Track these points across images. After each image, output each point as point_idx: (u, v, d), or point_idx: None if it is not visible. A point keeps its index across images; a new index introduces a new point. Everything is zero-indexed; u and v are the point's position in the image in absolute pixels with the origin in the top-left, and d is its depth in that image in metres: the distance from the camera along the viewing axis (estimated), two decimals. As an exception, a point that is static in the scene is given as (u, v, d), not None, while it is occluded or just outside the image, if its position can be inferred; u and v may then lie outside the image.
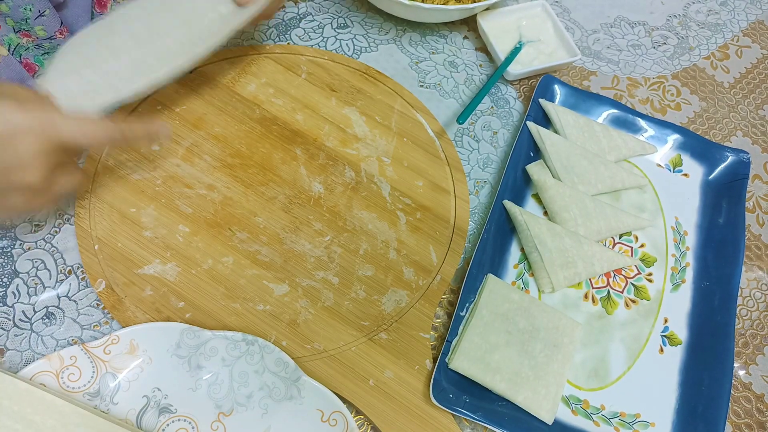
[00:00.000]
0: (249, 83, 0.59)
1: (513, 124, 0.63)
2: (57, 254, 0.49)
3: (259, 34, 0.64)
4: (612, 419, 0.48)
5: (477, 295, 0.50)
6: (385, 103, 0.60)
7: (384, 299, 0.50)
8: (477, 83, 0.65)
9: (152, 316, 0.46)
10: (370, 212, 0.54)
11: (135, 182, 0.52)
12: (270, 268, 0.50)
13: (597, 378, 0.49)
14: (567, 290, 0.53)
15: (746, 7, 0.78)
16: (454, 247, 0.53)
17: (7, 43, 0.53)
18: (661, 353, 0.51)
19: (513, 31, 0.67)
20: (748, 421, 0.50)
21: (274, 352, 0.44)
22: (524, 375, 0.46)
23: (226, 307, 0.48)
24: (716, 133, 0.66)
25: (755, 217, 0.61)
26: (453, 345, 0.47)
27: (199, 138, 0.55)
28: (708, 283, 0.54)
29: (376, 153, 0.57)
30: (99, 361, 0.42)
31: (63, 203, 0.51)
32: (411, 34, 0.67)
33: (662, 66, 0.70)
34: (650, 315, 0.53)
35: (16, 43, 0.53)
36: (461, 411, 0.44)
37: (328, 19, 0.66)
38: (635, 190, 0.59)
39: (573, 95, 0.63)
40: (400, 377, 0.46)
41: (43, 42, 0.55)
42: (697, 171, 0.61)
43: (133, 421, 0.42)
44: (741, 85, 0.70)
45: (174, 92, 0.57)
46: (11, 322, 0.46)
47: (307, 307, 0.48)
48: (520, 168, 0.58)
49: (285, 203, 0.53)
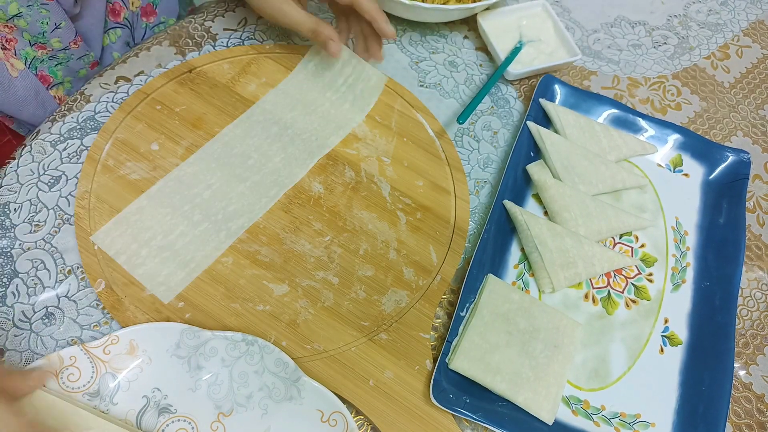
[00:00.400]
0: (249, 83, 0.59)
1: (513, 124, 0.63)
2: (57, 254, 0.49)
3: (260, 34, 0.64)
4: (612, 419, 0.48)
5: (477, 296, 0.50)
6: (385, 102, 0.60)
7: (384, 299, 0.50)
8: (477, 83, 0.65)
9: (152, 317, 0.46)
10: (370, 212, 0.54)
11: (135, 182, 0.52)
12: (270, 268, 0.50)
13: (597, 378, 0.49)
14: (567, 290, 0.53)
15: (746, 7, 0.78)
16: (454, 247, 0.53)
17: (24, 57, 0.54)
18: (661, 353, 0.51)
19: (513, 31, 0.67)
20: (748, 421, 0.50)
21: (274, 352, 0.44)
22: (524, 375, 0.46)
23: (226, 307, 0.48)
24: (716, 133, 0.66)
25: (755, 217, 0.61)
26: (453, 345, 0.47)
27: (199, 138, 0.55)
28: (708, 283, 0.54)
29: (376, 153, 0.57)
30: (99, 362, 0.42)
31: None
32: (411, 34, 0.67)
33: (662, 66, 0.70)
34: (651, 315, 0.53)
35: (32, 56, 0.54)
36: (461, 411, 0.44)
37: (328, 19, 0.66)
38: (636, 190, 0.59)
39: (573, 95, 0.63)
40: (400, 377, 0.46)
41: (57, 53, 0.55)
42: (698, 171, 0.61)
43: (132, 422, 0.42)
44: (741, 85, 0.70)
45: (174, 92, 0.57)
46: (11, 322, 0.46)
47: (306, 308, 0.48)
48: (521, 168, 0.58)
49: (285, 203, 0.53)
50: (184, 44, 0.62)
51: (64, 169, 0.53)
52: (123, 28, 0.64)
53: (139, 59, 0.59)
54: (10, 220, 0.50)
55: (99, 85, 0.57)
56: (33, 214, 0.50)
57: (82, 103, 0.56)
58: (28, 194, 0.51)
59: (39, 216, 0.50)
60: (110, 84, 0.58)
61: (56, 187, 0.52)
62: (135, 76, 0.58)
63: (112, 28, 0.63)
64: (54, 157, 0.53)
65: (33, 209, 0.50)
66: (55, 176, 0.52)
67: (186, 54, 0.61)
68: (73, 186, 0.52)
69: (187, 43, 0.62)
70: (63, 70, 0.58)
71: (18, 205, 0.50)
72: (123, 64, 0.59)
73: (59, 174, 0.52)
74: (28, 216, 0.50)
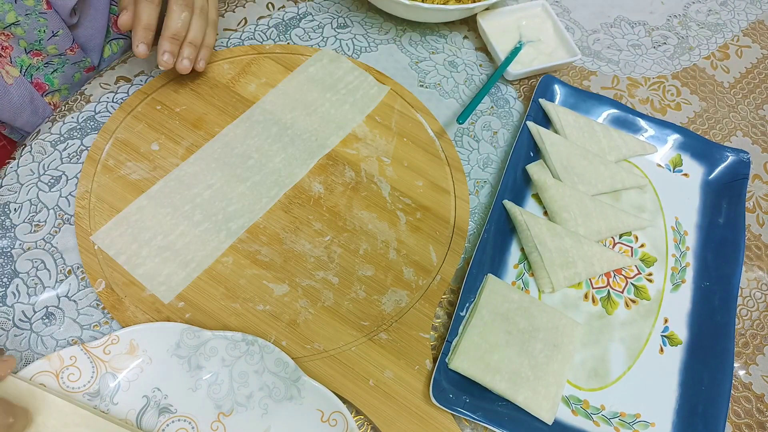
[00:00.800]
0: (249, 83, 0.59)
1: (513, 124, 0.63)
2: (57, 254, 0.49)
3: (260, 34, 0.64)
4: (612, 419, 0.48)
5: (477, 295, 0.50)
6: (385, 103, 0.60)
7: (384, 299, 0.50)
8: (477, 83, 0.65)
9: (152, 316, 0.46)
10: (370, 212, 0.54)
11: (135, 182, 0.52)
12: (270, 268, 0.50)
13: (597, 378, 0.49)
14: (567, 290, 0.53)
15: (746, 7, 0.78)
16: (454, 247, 0.53)
17: (19, 65, 0.53)
18: (661, 353, 0.51)
19: (513, 31, 0.67)
20: (748, 421, 0.50)
21: (274, 352, 0.44)
22: (524, 375, 0.46)
23: (226, 307, 0.48)
24: (716, 133, 0.66)
25: (755, 217, 0.61)
26: (453, 345, 0.47)
27: (200, 138, 0.55)
28: (708, 283, 0.54)
29: (376, 153, 0.57)
30: (99, 361, 0.42)
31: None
32: (411, 34, 0.67)
33: (662, 66, 0.70)
34: (650, 315, 0.53)
35: (28, 63, 0.54)
36: (461, 411, 0.44)
37: (328, 19, 0.66)
38: (635, 190, 0.59)
39: (573, 95, 0.63)
40: (400, 377, 0.46)
41: (53, 58, 0.55)
42: (697, 171, 0.61)
43: (133, 422, 0.42)
44: (741, 85, 0.70)
45: (174, 92, 0.57)
46: (11, 322, 0.46)
47: (307, 307, 0.48)
48: (520, 168, 0.58)
49: (285, 203, 0.53)
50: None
51: (65, 169, 0.53)
52: (126, 39, 0.64)
53: (139, 59, 0.59)
54: (11, 220, 0.50)
55: (99, 85, 0.57)
56: (33, 214, 0.50)
57: (82, 103, 0.56)
58: (29, 194, 0.51)
59: (39, 216, 0.50)
60: (110, 84, 0.58)
61: (56, 187, 0.52)
62: (135, 76, 0.58)
63: (115, 39, 0.63)
64: (54, 157, 0.53)
65: (33, 209, 0.50)
66: (56, 176, 0.52)
67: (186, 54, 0.61)
68: (74, 186, 0.52)
69: (187, 43, 0.62)
70: (60, 77, 0.57)
71: (18, 205, 0.50)
72: (123, 64, 0.59)
73: (59, 174, 0.52)
74: (28, 216, 0.50)
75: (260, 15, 0.65)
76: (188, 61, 0.53)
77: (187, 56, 0.52)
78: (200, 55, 0.54)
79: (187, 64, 0.53)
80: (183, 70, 0.53)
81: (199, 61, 0.54)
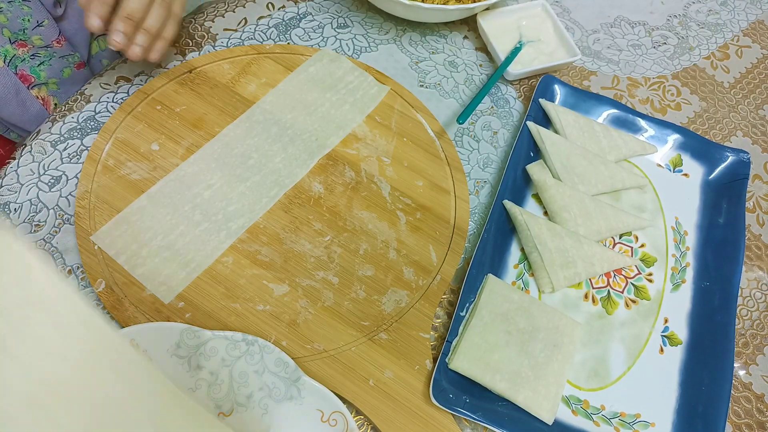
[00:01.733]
0: (249, 83, 0.59)
1: (513, 124, 0.63)
2: (57, 254, 0.49)
3: (260, 34, 0.64)
4: (612, 419, 0.48)
5: (477, 295, 0.50)
6: (385, 103, 0.60)
7: (384, 299, 0.50)
8: (477, 83, 0.65)
9: (152, 317, 0.46)
10: (370, 212, 0.54)
11: (135, 182, 0.52)
12: (270, 268, 0.50)
13: (597, 378, 0.49)
14: (567, 290, 0.53)
15: (746, 7, 0.78)
16: (454, 247, 0.53)
17: (3, 54, 0.53)
18: (661, 353, 0.51)
19: (513, 31, 0.67)
20: (748, 421, 0.50)
21: (274, 352, 0.44)
22: (524, 375, 0.46)
23: (226, 307, 0.48)
24: (716, 133, 0.66)
25: (755, 217, 0.61)
26: (453, 345, 0.47)
27: (200, 138, 0.55)
28: (708, 283, 0.54)
29: (376, 153, 0.57)
30: (99, 361, 0.42)
31: None
32: (411, 34, 0.67)
33: (662, 66, 0.70)
34: (650, 315, 0.53)
35: (12, 54, 0.53)
36: (461, 411, 0.44)
37: (328, 19, 0.66)
38: (635, 190, 0.59)
39: (573, 95, 0.63)
40: (400, 377, 0.46)
41: (39, 50, 0.54)
42: (697, 171, 0.61)
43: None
44: (741, 85, 0.70)
45: (174, 92, 0.57)
46: (11, 322, 0.46)
47: (307, 307, 0.48)
48: (520, 168, 0.58)
49: (285, 203, 0.53)
50: (184, 44, 0.62)
51: (65, 169, 0.53)
52: None
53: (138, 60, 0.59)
54: (11, 220, 0.50)
55: (99, 85, 0.57)
56: (33, 214, 0.50)
57: (82, 103, 0.56)
58: (29, 194, 0.51)
59: (39, 216, 0.50)
60: (110, 84, 0.58)
61: (56, 187, 0.52)
62: (135, 76, 0.59)
63: (102, 36, 0.62)
64: (54, 157, 0.53)
65: (33, 209, 0.50)
66: (56, 176, 0.52)
67: (186, 54, 0.61)
68: (74, 186, 0.52)
69: (187, 43, 0.62)
70: (46, 70, 0.56)
71: (18, 205, 0.50)
72: (123, 65, 0.59)
73: (59, 174, 0.52)
74: (28, 216, 0.50)
75: (260, 15, 0.65)
76: (140, 49, 0.50)
77: (140, 43, 0.50)
78: (156, 45, 0.51)
79: (137, 51, 0.50)
80: (133, 56, 0.50)
81: (154, 52, 0.51)
